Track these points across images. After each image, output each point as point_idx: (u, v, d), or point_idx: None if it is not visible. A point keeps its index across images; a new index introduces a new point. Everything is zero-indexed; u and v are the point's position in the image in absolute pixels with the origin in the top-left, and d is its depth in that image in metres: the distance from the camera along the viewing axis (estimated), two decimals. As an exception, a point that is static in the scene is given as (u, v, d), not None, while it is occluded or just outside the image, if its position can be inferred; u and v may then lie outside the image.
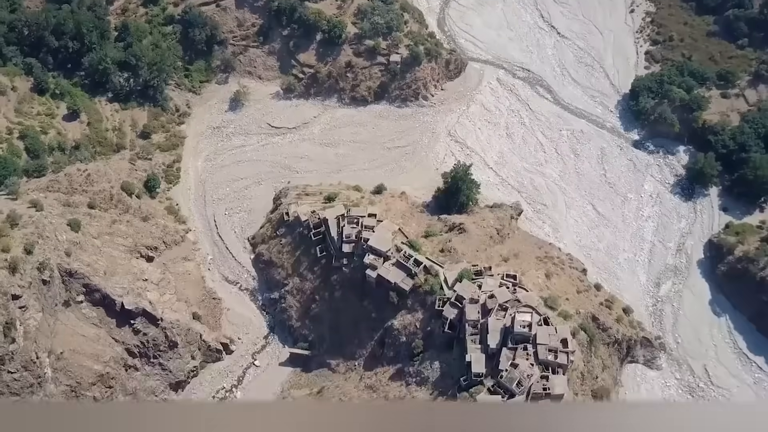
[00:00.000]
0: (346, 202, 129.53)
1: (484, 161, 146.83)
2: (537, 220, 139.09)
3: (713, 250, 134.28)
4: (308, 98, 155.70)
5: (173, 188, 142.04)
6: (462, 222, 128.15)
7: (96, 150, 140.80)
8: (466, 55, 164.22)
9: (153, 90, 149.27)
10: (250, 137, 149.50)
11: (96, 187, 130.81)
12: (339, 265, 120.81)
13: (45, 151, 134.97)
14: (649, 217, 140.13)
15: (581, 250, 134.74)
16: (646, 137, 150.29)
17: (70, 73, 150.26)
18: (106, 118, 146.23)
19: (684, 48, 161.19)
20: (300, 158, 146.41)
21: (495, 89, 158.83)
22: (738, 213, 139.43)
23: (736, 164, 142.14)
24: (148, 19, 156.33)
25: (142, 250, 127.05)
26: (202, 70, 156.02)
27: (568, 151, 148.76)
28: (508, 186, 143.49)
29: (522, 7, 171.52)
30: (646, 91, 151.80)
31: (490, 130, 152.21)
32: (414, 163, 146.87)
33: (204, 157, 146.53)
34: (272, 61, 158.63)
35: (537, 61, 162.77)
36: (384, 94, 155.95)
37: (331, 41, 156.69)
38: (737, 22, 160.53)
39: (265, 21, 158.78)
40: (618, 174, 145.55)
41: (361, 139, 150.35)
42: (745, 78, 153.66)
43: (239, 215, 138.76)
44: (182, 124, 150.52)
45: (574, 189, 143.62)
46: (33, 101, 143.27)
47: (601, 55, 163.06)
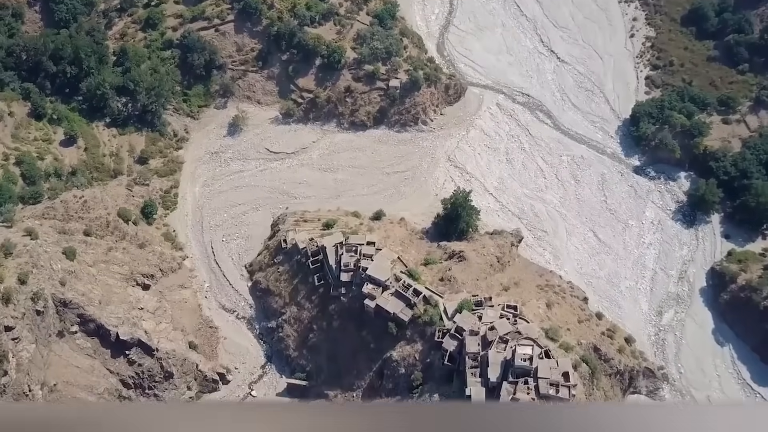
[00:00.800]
0: (345, 229, 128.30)
1: (484, 187, 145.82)
2: (537, 247, 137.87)
3: (716, 278, 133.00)
4: (307, 123, 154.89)
5: (170, 214, 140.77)
6: (462, 250, 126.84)
7: (93, 176, 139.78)
8: (466, 80, 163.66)
9: (151, 115, 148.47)
10: (249, 162, 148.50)
11: (92, 214, 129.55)
12: (337, 295, 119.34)
13: (41, 177, 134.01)
14: (650, 244, 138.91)
15: (582, 278, 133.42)
16: (646, 163, 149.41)
17: (68, 98, 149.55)
18: (103, 144, 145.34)
19: (684, 73, 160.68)
20: (298, 184, 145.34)
21: (495, 114, 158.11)
22: (740, 240, 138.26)
23: (737, 191, 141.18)
24: (147, 43, 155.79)
25: (138, 278, 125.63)
26: (201, 94, 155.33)
27: (568, 176, 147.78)
28: (508, 212, 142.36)
29: (522, 32, 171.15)
30: (647, 116, 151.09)
31: (490, 155, 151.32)
32: (413, 189, 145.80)
33: (202, 182, 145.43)
34: (271, 86, 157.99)
35: (537, 86, 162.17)
36: (383, 119, 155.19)
37: (330, 66, 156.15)
38: (737, 47, 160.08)
39: (264, 46, 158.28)
40: (619, 200, 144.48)
41: (360, 164, 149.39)
42: (746, 103, 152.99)
43: (237, 242, 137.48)
44: (180, 150, 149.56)
45: (575, 215, 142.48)
46: (30, 126, 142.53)
47: (601, 80, 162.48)
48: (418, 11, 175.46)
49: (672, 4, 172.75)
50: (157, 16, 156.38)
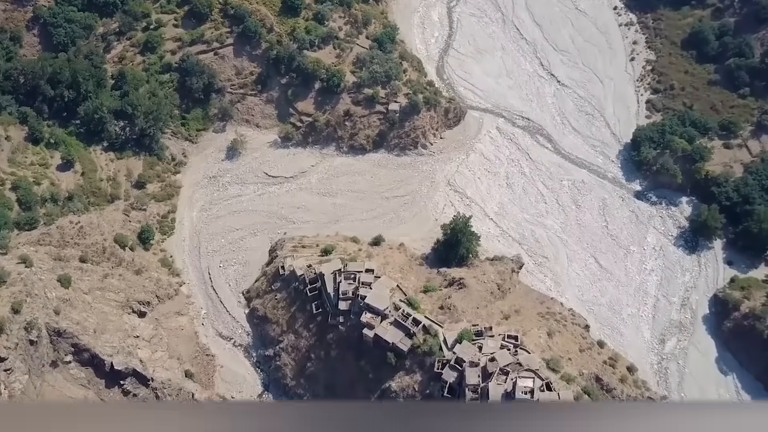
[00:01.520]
0: (343, 256, 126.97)
1: (484, 212, 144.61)
2: (538, 274, 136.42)
3: (718, 305, 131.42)
4: (306, 147, 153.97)
5: (167, 239, 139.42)
6: (462, 277, 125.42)
7: (89, 200, 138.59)
8: (466, 104, 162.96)
9: (149, 139, 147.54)
10: (247, 187, 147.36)
11: (88, 240, 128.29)
12: (335, 323, 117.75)
13: (37, 203, 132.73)
14: (652, 271, 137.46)
15: (583, 305, 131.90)
16: (648, 188, 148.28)
17: (66, 122, 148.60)
18: (100, 168, 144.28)
19: (685, 97, 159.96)
20: (297, 208, 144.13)
21: (495, 138, 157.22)
22: (743, 266, 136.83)
23: (740, 216, 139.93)
24: (145, 67, 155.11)
25: (134, 305, 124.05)
26: (199, 118, 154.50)
27: (569, 201, 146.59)
28: (508, 238, 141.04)
29: (521, 55, 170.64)
30: (648, 141, 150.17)
31: (490, 179, 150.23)
32: (413, 213, 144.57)
33: (199, 207, 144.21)
34: (270, 110, 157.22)
35: (537, 110, 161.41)
36: (382, 143, 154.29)
37: (329, 90, 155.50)
38: (738, 71, 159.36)
39: (264, 69, 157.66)
40: (620, 226, 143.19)
41: (359, 188, 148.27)
42: (747, 128, 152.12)
43: (234, 268, 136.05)
44: (178, 174, 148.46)
45: (576, 241, 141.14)
46: (27, 151, 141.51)
47: (602, 103, 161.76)
48: (418, 34, 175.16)
49: (672, 27, 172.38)
50: (156, 40, 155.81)
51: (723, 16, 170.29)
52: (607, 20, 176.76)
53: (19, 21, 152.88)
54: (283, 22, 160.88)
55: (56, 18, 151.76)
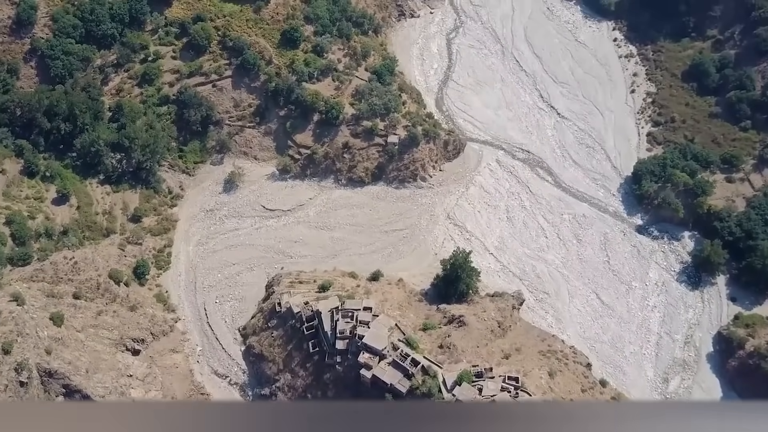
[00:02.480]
0: (341, 292, 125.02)
1: (484, 246, 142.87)
2: (539, 310, 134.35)
3: (723, 343, 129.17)
4: (304, 179, 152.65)
5: (163, 274, 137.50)
6: (462, 314, 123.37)
7: (85, 235, 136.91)
8: (465, 136, 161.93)
9: (146, 172, 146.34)
10: (244, 220, 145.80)
11: (83, 276, 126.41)
12: (332, 363, 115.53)
13: (31, 238, 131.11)
14: (655, 307, 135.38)
15: (585, 342, 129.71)
16: (649, 222, 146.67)
17: (62, 155, 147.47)
18: (96, 201, 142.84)
19: (686, 130, 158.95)
20: (294, 242, 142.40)
21: (494, 171, 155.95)
22: (747, 303, 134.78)
23: (743, 252, 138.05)
24: (143, 99, 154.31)
25: (128, 343, 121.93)
26: (197, 150, 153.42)
27: (570, 236, 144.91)
28: (509, 273, 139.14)
29: (521, 87, 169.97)
30: (649, 174, 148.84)
31: (490, 213, 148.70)
32: (412, 248, 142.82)
33: (196, 241, 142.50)
34: (268, 142, 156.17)
35: (537, 142, 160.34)
36: (381, 175, 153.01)
37: (328, 122, 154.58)
38: (739, 104, 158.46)
39: (262, 101, 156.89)
40: (622, 261, 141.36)
41: (358, 221, 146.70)
42: (749, 162, 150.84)
43: (230, 303, 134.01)
44: (174, 207, 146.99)
45: (577, 276, 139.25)
46: (22, 184, 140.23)
47: (602, 136, 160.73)
48: (417, 66, 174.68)
49: (672, 59, 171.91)
50: (154, 72, 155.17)
51: (723, 49, 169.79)
52: (607, 52, 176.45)
53: (16, 53, 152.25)
54: (282, 55, 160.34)
55: (54, 50, 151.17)
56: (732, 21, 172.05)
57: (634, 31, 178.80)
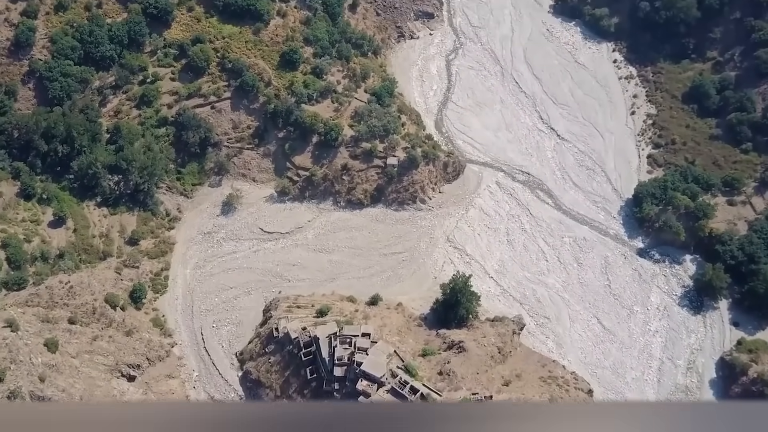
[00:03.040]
0: (339, 317, 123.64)
1: (485, 270, 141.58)
2: (540, 335, 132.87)
3: (725, 369, 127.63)
4: (303, 201, 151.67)
5: (160, 298, 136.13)
6: (462, 340, 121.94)
7: (81, 258, 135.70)
8: (465, 157, 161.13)
9: (143, 194, 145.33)
10: (242, 243, 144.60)
11: (78, 300, 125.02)
12: (330, 390, 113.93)
13: (27, 261, 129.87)
14: (656, 332, 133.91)
15: (586, 368, 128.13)
16: (650, 245, 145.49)
17: (59, 177, 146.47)
18: (93, 224, 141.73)
19: (687, 152, 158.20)
20: (292, 266, 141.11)
21: (494, 193, 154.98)
22: (750, 328, 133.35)
23: (745, 276, 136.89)
24: (141, 120, 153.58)
25: (124, 369, 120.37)
26: (195, 172, 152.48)
27: (570, 259, 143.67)
28: (509, 297, 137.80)
29: (521, 109, 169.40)
30: (650, 197, 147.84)
31: (490, 236, 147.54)
32: (411, 271, 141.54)
33: (193, 264, 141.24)
34: (267, 164, 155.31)
35: (537, 164, 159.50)
36: (381, 197, 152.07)
37: (327, 144, 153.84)
38: (740, 126, 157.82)
39: (261, 123, 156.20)
40: (623, 285, 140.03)
41: (357, 244, 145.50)
42: (750, 184, 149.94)
43: (227, 328, 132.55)
44: (172, 230, 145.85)
45: (578, 301, 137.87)
46: (19, 207, 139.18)
47: (603, 158, 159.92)
48: (417, 87, 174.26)
49: (672, 81, 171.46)
50: (153, 93, 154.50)
51: (723, 70, 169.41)
52: (606, 73, 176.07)
53: (14, 75, 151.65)
54: (281, 76, 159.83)
55: (52, 72, 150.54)
56: (732, 43, 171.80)
57: (634, 52, 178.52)
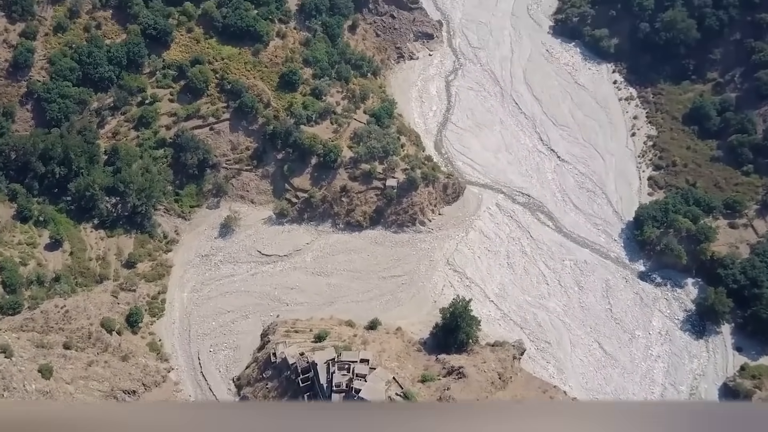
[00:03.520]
0: (337, 343, 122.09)
1: (485, 293, 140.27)
2: (541, 360, 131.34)
3: (729, 395, 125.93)
4: (301, 223, 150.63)
5: (157, 322, 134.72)
6: (461, 365, 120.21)
7: (77, 281, 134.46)
8: (464, 179, 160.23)
9: (141, 216, 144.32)
10: (240, 266, 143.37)
11: (74, 325, 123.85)
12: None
13: (22, 285, 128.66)
14: (658, 357, 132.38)
15: (588, 394, 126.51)
16: (652, 269, 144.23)
17: (56, 199, 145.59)
18: (90, 247, 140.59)
19: (688, 174, 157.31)
20: (290, 289, 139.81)
21: (494, 215, 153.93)
22: (753, 353, 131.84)
23: (748, 300, 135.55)
24: (140, 142, 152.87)
25: (119, 395, 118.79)
26: (193, 194, 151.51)
27: (571, 283, 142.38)
28: (509, 321, 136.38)
29: (520, 130, 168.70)
30: (651, 220, 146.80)
31: (491, 259, 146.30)
32: (410, 295, 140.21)
33: (190, 287, 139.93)
34: (265, 185, 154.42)
35: (537, 186, 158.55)
36: (380, 219, 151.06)
37: (326, 165, 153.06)
38: (741, 148, 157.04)
39: (260, 144, 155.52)
40: (624, 308, 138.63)
41: (356, 267, 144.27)
42: (752, 207, 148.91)
43: (225, 352, 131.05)
44: (169, 252, 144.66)
45: (579, 325, 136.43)
46: (15, 229, 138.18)
47: (603, 180, 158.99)
48: (416, 108, 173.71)
49: (673, 102, 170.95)
50: (151, 115, 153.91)
51: (724, 91, 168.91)
52: (606, 94, 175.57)
53: (12, 96, 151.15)
54: (280, 98, 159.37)
55: (50, 93, 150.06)
56: (732, 64, 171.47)
57: (634, 73, 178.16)
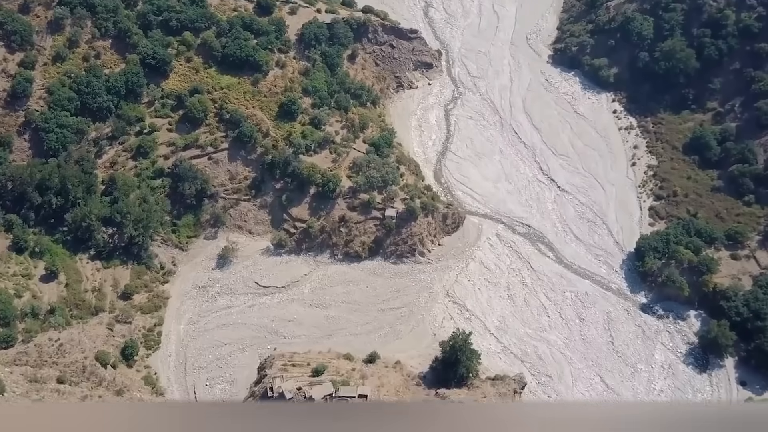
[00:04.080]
0: (336, 377, 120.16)
1: (485, 326, 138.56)
2: (542, 394, 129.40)
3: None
4: (299, 254, 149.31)
5: (153, 355, 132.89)
6: (461, 400, 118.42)
7: (72, 313, 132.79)
8: (464, 209, 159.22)
9: (138, 247, 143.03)
10: (237, 297, 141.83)
11: (68, 359, 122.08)
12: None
13: (16, 318, 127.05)
14: (661, 392, 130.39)
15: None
16: (653, 300, 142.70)
17: (53, 229, 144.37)
18: (86, 278, 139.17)
19: (689, 204, 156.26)
20: (288, 321, 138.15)
21: (494, 245, 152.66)
22: (758, 387, 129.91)
23: (751, 333, 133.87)
24: (137, 172, 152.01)
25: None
26: (191, 225, 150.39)
27: (572, 315, 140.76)
28: (510, 354, 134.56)
29: (520, 159, 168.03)
30: (652, 251, 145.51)
31: (491, 290, 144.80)
32: (410, 327, 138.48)
33: (187, 319, 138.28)
34: (263, 215, 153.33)
35: (537, 216, 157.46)
36: (379, 250, 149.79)
37: (324, 195, 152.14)
38: (742, 178, 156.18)
39: (258, 174, 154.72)
40: (626, 341, 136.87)
41: (354, 299, 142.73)
42: (754, 238, 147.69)
43: (221, 386, 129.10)
44: (166, 283, 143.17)
45: (581, 358, 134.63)
46: (10, 261, 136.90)
47: (604, 210, 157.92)
48: (415, 137, 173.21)
49: (673, 131, 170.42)
50: (149, 145, 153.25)
51: (724, 121, 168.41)
52: (606, 124, 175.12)
53: (10, 126, 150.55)
54: (279, 127, 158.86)
55: (48, 123, 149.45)
56: (732, 93, 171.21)
57: (634, 102, 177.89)
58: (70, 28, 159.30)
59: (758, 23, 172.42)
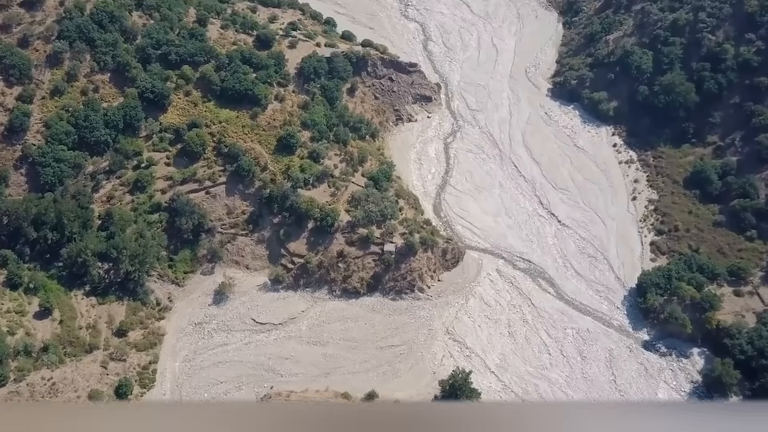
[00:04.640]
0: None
1: (485, 364, 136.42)
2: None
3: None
4: (297, 290, 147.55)
5: (147, 393, 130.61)
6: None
7: (66, 351, 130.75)
8: (464, 243, 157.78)
9: (133, 283, 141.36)
10: (233, 334, 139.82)
11: (60, 398, 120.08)
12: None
13: (9, 356, 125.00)
14: None
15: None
16: (656, 337, 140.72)
17: (48, 264, 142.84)
18: (80, 314, 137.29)
19: (690, 239, 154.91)
20: (285, 359, 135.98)
21: (495, 281, 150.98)
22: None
23: (756, 371, 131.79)
24: (134, 206, 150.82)
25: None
26: (187, 260, 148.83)
27: (574, 352, 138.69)
28: (511, 393, 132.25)
29: (520, 193, 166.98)
30: (654, 287, 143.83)
31: (491, 327, 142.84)
32: (409, 366, 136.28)
33: (183, 357, 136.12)
34: (261, 250, 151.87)
35: (538, 251, 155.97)
36: (377, 286, 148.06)
37: (323, 229, 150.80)
38: (744, 213, 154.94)
39: (256, 208, 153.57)
40: (629, 380, 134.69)
41: (352, 336, 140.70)
42: (757, 274, 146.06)
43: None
44: (162, 320, 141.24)
45: (582, 397, 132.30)
46: (4, 297, 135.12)
47: (605, 245, 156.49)
48: (415, 170, 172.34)
49: (673, 165, 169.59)
50: (147, 179, 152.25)
51: (725, 155, 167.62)
52: (606, 157, 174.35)
53: (6, 160, 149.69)
54: (277, 161, 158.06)
55: (45, 157, 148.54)
56: (732, 127, 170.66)
57: (634, 136, 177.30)
58: (69, 62, 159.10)
59: (757, 57, 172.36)
